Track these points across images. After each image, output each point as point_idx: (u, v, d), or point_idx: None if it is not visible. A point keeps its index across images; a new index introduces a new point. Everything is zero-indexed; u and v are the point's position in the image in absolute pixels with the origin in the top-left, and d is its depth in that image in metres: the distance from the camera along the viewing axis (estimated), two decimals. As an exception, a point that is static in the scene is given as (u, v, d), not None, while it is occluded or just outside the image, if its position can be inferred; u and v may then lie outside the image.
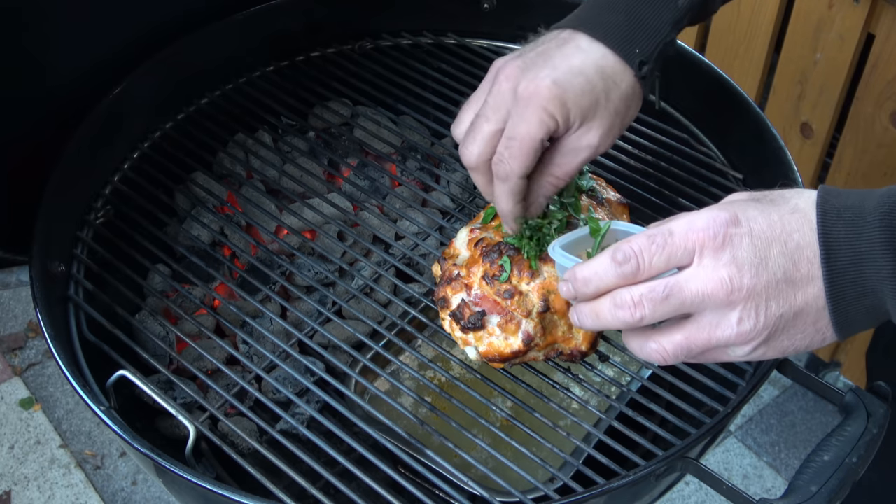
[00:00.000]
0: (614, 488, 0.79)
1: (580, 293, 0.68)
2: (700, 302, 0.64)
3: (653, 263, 0.65)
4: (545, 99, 0.74)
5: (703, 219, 0.64)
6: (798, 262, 0.63)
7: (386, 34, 1.30)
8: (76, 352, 0.94)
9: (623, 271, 0.65)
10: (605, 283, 0.66)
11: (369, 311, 1.06)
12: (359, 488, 0.82)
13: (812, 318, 0.64)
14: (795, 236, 0.63)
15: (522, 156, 0.76)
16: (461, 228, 0.93)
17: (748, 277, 0.62)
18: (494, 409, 0.88)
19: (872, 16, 1.46)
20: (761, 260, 0.63)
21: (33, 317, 2.26)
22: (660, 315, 0.65)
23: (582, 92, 0.75)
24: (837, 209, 0.63)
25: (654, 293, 0.64)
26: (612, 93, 0.77)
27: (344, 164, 1.21)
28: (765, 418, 2.04)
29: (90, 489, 1.94)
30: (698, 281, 0.63)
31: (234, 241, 1.12)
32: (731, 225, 0.63)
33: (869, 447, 0.78)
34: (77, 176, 1.05)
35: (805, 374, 0.87)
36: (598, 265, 0.67)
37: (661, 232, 0.65)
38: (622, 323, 0.66)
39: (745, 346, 0.65)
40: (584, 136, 0.77)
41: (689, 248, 0.64)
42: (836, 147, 1.67)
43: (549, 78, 0.74)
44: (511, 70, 0.77)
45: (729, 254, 0.63)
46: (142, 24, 1.14)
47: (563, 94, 0.74)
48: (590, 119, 0.76)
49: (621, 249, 0.65)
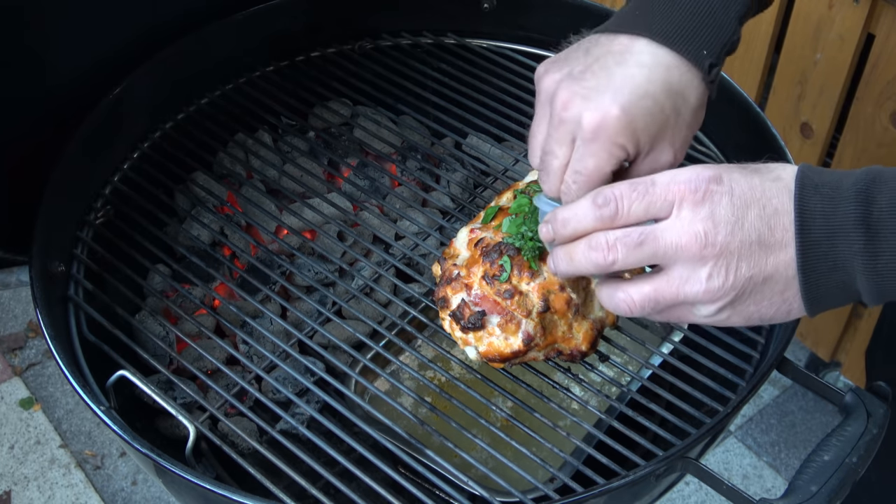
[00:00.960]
0: (614, 488, 0.79)
1: (558, 234, 0.69)
2: (673, 253, 0.64)
3: (632, 209, 0.65)
4: (614, 131, 0.70)
5: (686, 173, 0.65)
6: (774, 227, 0.64)
7: (386, 34, 1.30)
8: (76, 352, 0.94)
9: (601, 214, 0.66)
10: (583, 225, 0.67)
11: (369, 311, 1.06)
12: (359, 488, 0.82)
13: (781, 285, 0.65)
14: (774, 201, 0.64)
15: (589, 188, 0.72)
16: (461, 228, 0.93)
17: (723, 234, 0.63)
18: (494, 409, 0.88)
19: (872, 16, 1.46)
20: (738, 219, 0.63)
21: (33, 317, 2.26)
22: (632, 261, 0.65)
23: (652, 116, 0.71)
24: (816, 183, 0.64)
25: (629, 238, 0.65)
26: (682, 109, 0.73)
27: (344, 164, 1.21)
28: (765, 418, 2.04)
29: (90, 489, 1.94)
30: (673, 232, 0.64)
31: (234, 241, 1.12)
32: (713, 182, 0.64)
33: (869, 447, 0.78)
34: (77, 176, 1.05)
35: (805, 374, 0.87)
36: (578, 207, 0.67)
37: (644, 181, 0.65)
38: (594, 265, 0.66)
39: (710, 304, 0.65)
40: (658, 158, 0.74)
41: (669, 199, 0.64)
42: (836, 147, 1.67)
43: (616, 106, 0.69)
44: (568, 96, 0.71)
45: (707, 209, 0.63)
46: (142, 24, 1.14)
47: (632, 122, 0.70)
48: (661, 141, 0.73)
49: (602, 193, 0.66)
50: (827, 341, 1.92)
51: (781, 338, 0.90)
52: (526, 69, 1.23)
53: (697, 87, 0.73)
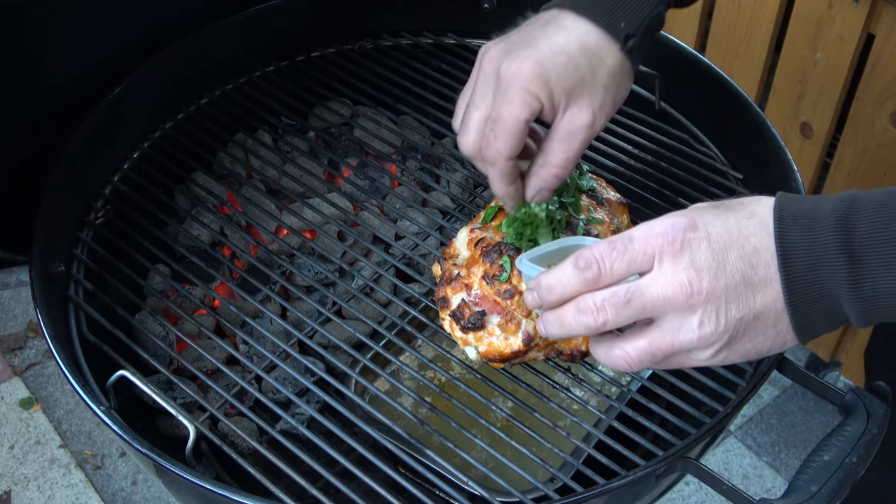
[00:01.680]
0: (614, 488, 0.79)
1: (545, 300, 0.69)
2: (661, 306, 0.64)
3: (614, 269, 0.65)
4: (526, 79, 0.73)
5: (661, 225, 0.65)
6: (755, 265, 0.64)
7: (386, 34, 1.30)
8: (76, 352, 0.94)
9: (585, 277, 0.66)
10: (569, 290, 0.67)
11: (369, 311, 1.06)
12: (359, 488, 0.82)
13: (772, 320, 0.65)
14: (752, 240, 0.64)
15: (507, 137, 0.75)
16: (461, 228, 0.93)
17: (707, 280, 0.63)
18: (494, 409, 0.88)
19: (872, 16, 1.46)
20: (719, 263, 0.64)
21: (33, 317, 2.26)
22: (622, 319, 0.66)
23: (565, 70, 0.74)
24: (793, 214, 0.64)
25: (616, 297, 0.65)
26: (598, 69, 0.76)
27: (344, 164, 1.21)
28: (765, 418, 2.04)
29: (90, 489, 1.94)
30: (658, 285, 0.64)
31: (234, 241, 1.12)
32: (689, 230, 0.64)
33: (869, 447, 0.78)
34: (77, 176, 1.05)
35: (805, 374, 0.87)
36: (562, 272, 0.68)
37: (622, 238, 0.66)
38: (585, 328, 0.67)
39: (707, 349, 0.66)
40: (576, 115, 0.76)
41: (648, 253, 0.65)
42: (836, 147, 1.67)
43: (531, 58, 0.74)
44: (494, 53, 0.77)
45: (687, 258, 0.64)
46: (142, 24, 1.14)
47: (545, 72, 0.74)
48: (578, 98, 0.75)
49: (583, 256, 0.66)
50: (827, 341, 1.92)
51: (781, 338, 0.90)
52: (526, 69, 1.23)
53: (615, 53, 0.77)
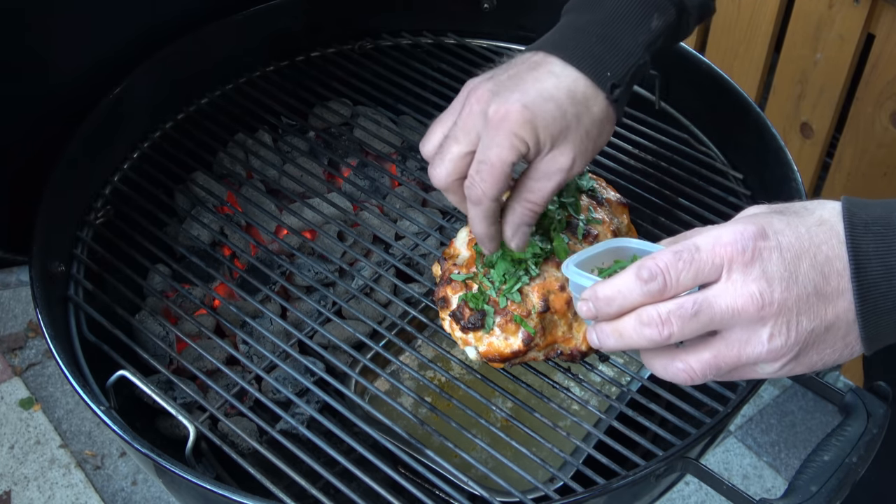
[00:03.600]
0: (614, 488, 0.79)
1: (602, 312, 0.66)
2: (730, 318, 0.62)
3: (680, 280, 0.63)
4: (515, 123, 0.73)
5: (729, 233, 0.63)
6: (828, 275, 0.62)
7: (386, 34, 1.30)
8: (76, 352, 0.94)
9: (649, 289, 0.63)
10: (630, 302, 0.64)
11: (369, 311, 1.06)
12: (359, 488, 0.82)
13: (843, 331, 0.63)
14: (824, 248, 0.62)
15: (494, 179, 0.74)
16: (461, 228, 0.93)
17: (779, 292, 0.61)
18: (494, 409, 0.88)
19: (872, 16, 1.46)
20: (791, 273, 0.61)
21: (33, 317, 2.26)
22: (689, 332, 0.63)
23: (553, 118, 0.74)
24: (865, 221, 0.62)
25: (683, 310, 0.62)
26: (583, 117, 0.76)
27: (344, 164, 1.21)
28: (765, 418, 2.04)
29: (90, 489, 1.94)
30: (728, 296, 0.62)
31: (234, 241, 1.12)
32: (760, 238, 0.62)
33: (869, 447, 0.78)
34: (77, 176, 1.05)
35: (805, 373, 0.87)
36: (622, 283, 0.64)
37: (687, 247, 0.63)
38: (648, 341, 0.64)
39: (775, 362, 0.63)
40: (555, 159, 0.76)
41: (716, 263, 0.62)
42: (836, 147, 1.67)
43: (520, 102, 0.74)
44: (482, 93, 0.76)
45: (759, 268, 0.61)
46: (142, 24, 1.14)
47: (534, 118, 0.73)
48: (561, 143, 0.75)
49: (646, 267, 0.63)
50: (827, 341, 1.92)
51: (781, 338, 0.90)
52: (526, 69, 1.23)
53: (601, 102, 0.77)
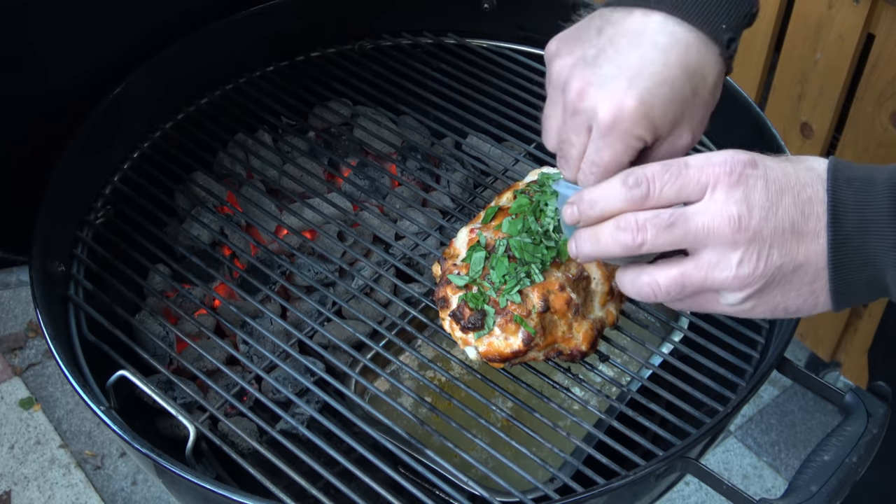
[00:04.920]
0: (614, 488, 0.79)
1: (585, 215, 0.66)
2: (704, 237, 0.62)
3: (663, 191, 0.63)
4: (631, 123, 0.68)
5: (721, 155, 0.63)
6: (807, 215, 0.62)
7: (386, 34, 1.30)
8: (76, 352, 0.94)
9: (632, 195, 0.64)
10: (612, 206, 0.65)
11: (369, 311, 1.06)
12: (359, 488, 0.82)
13: (810, 276, 0.63)
14: (808, 189, 0.63)
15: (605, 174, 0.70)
16: (461, 228, 0.93)
17: (756, 219, 0.61)
18: (494, 409, 0.88)
19: (872, 16, 1.46)
20: (772, 205, 0.62)
21: (33, 317, 2.26)
22: (661, 243, 0.63)
23: (670, 103, 0.69)
24: (848, 177, 0.63)
25: (660, 219, 0.63)
26: (699, 90, 0.71)
27: (344, 164, 1.21)
28: (765, 418, 2.04)
29: (90, 489, 1.94)
30: (707, 215, 0.62)
31: (234, 241, 1.12)
32: (749, 166, 0.63)
33: (869, 447, 0.78)
34: (77, 176, 1.05)
35: (805, 374, 0.87)
36: (608, 187, 0.65)
37: (677, 162, 0.63)
38: (622, 247, 0.64)
39: (738, 292, 0.63)
40: (677, 141, 0.72)
41: (702, 181, 0.62)
42: (836, 147, 1.67)
43: (632, 97, 0.67)
44: (581, 84, 0.69)
45: (742, 192, 0.62)
46: (142, 24, 1.14)
47: (650, 112, 0.68)
48: (679, 125, 0.71)
49: (633, 173, 0.64)
50: (827, 341, 1.92)
51: (781, 338, 0.90)
52: (526, 69, 1.23)
53: (715, 64, 0.71)
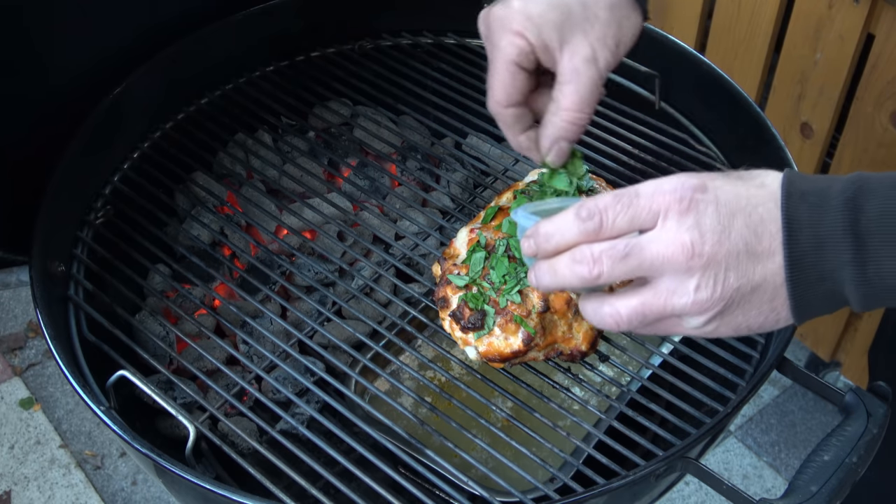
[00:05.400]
0: (614, 488, 0.79)
1: (541, 248, 0.67)
2: (659, 265, 0.63)
3: (616, 222, 0.64)
4: (510, 20, 0.75)
5: (671, 183, 0.64)
6: (760, 235, 0.63)
7: (386, 34, 1.30)
8: (76, 352, 0.94)
9: (586, 227, 0.65)
10: (567, 239, 0.66)
11: (369, 311, 1.06)
12: (359, 488, 0.82)
13: (769, 294, 0.64)
14: (760, 209, 0.63)
15: (499, 84, 0.76)
16: (461, 228, 0.93)
17: (710, 244, 0.62)
18: (494, 409, 0.88)
19: (872, 16, 1.46)
20: (724, 228, 0.62)
21: (33, 317, 2.26)
22: (617, 274, 0.64)
23: (549, 4, 0.75)
24: (802, 191, 0.63)
25: (615, 250, 0.63)
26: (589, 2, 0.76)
27: (344, 164, 1.21)
28: (765, 418, 2.04)
29: (90, 489, 1.94)
30: (660, 243, 0.63)
31: (234, 241, 1.12)
32: (698, 191, 0.63)
33: (869, 447, 0.78)
34: (77, 176, 1.05)
35: (805, 374, 0.87)
36: (561, 221, 0.66)
37: (628, 192, 0.64)
38: (579, 279, 0.65)
39: (699, 316, 0.64)
40: (574, 52, 0.76)
41: (654, 209, 0.63)
42: (836, 147, 1.67)
43: (517, 2, 0.76)
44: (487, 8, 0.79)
45: (693, 219, 0.62)
46: (142, 24, 1.14)
47: (526, 8, 0.75)
48: (571, 34, 0.76)
49: (586, 206, 0.65)
50: (827, 341, 1.92)
51: (781, 338, 0.90)
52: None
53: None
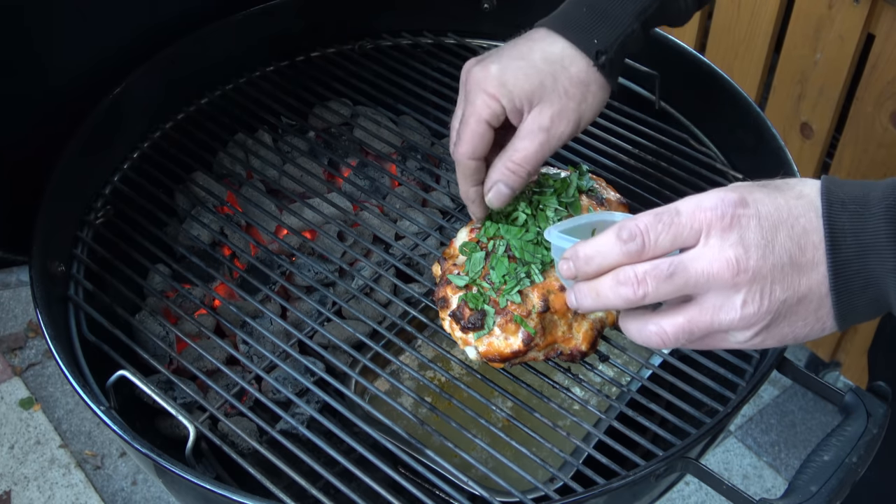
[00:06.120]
0: (614, 488, 0.79)
1: (581, 271, 0.67)
2: (705, 282, 0.63)
3: (658, 242, 0.63)
4: (486, 83, 0.80)
5: (711, 199, 0.63)
6: (804, 246, 0.63)
7: (386, 34, 1.30)
8: (76, 352, 0.94)
9: (628, 249, 0.64)
10: (609, 261, 0.65)
11: (369, 311, 1.06)
12: (359, 488, 0.82)
13: (814, 305, 0.64)
14: (802, 221, 0.63)
15: (468, 137, 0.81)
16: (461, 228, 0.93)
17: (755, 259, 0.62)
18: (494, 409, 0.88)
19: (872, 16, 1.46)
20: (768, 242, 0.62)
21: (33, 317, 2.26)
22: (663, 294, 0.64)
23: (524, 75, 0.80)
24: (842, 199, 0.63)
25: (659, 270, 0.63)
26: (559, 76, 0.81)
27: (344, 164, 1.21)
28: (765, 418, 2.04)
29: (90, 489, 1.94)
30: (704, 260, 0.62)
31: (234, 241, 1.12)
32: (740, 206, 0.63)
33: (869, 447, 0.78)
34: (77, 176, 1.05)
35: (805, 374, 0.87)
36: (602, 243, 0.65)
37: (668, 210, 0.64)
38: (624, 300, 0.65)
39: (746, 330, 0.64)
40: (535, 118, 0.81)
41: (695, 227, 0.63)
42: (836, 147, 1.67)
43: (493, 64, 0.81)
44: (469, 65, 0.84)
45: (736, 234, 0.62)
46: (142, 24, 1.14)
47: (503, 76, 0.80)
48: (539, 102, 0.81)
49: (626, 227, 0.64)
50: (827, 341, 1.92)
51: (781, 338, 0.90)
52: (526, 69, 1.23)
53: (579, 63, 0.82)
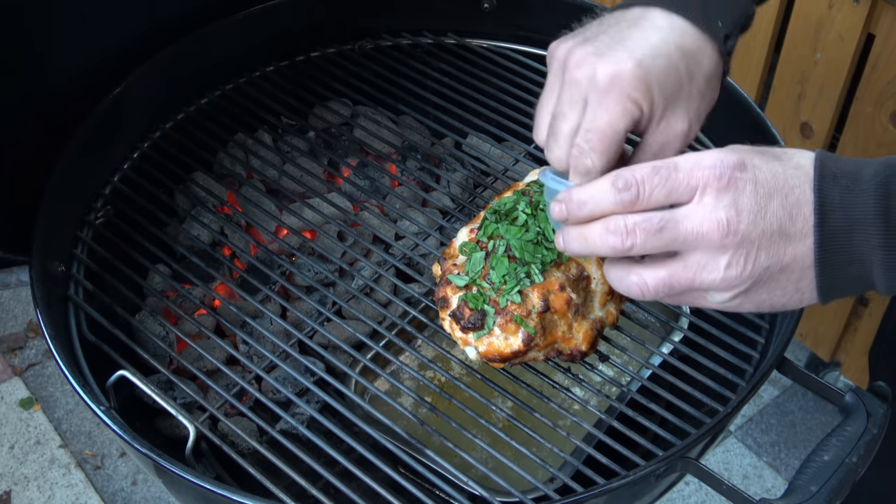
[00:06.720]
0: (614, 488, 0.79)
1: (573, 215, 0.67)
2: (693, 240, 0.63)
3: (653, 195, 0.63)
4: (628, 84, 0.67)
5: (710, 158, 0.63)
6: (795, 217, 0.63)
7: (386, 34, 1.30)
8: (76, 352, 0.94)
9: (622, 198, 0.64)
10: (601, 208, 0.65)
11: (369, 311, 1.06)
12: (359, 488, 0.82)
13: (796, 276, 0.64)
14: (797, 191, 0.63)
15: (603, 148, 0.69)
16: (461, 228, 0.93)
17: (745, 224, 0.62)
18: (494, 409, 0.88)
19: (872, 16, 1.46)
20: (761, 208, 0.62)
21: (33, 317, 2.26)
22: (650, 247, 0.64)
23: (666, 74, 0.69)
24: (834, 173, 0.63)
25: (649, 223, 0.63)
26: (695, 73, 0.71)
27: (344, 164, 1.21)
28: (765, 418, 2.04)
29: (90, 489, 1.94)
30: (695, 219, 0.62)
31: (234, 241, 1.12)
32: (738, 169, 0.63)
33: (869, 447, 0.78)
34: (77, 176, 1.05)
35: (805, 374, 0.87)
36: (597, 189, 0.65)
37: (666, 164, 0.63)
38: (610, 249, 0.65)
39: (725, 292, 0.64)
40: (672, 125, 0.71)
41: (692, 184, 0.63)
42: (836, 147, 1.67)
43: (632, 59, 0.67)
44: (582, 56, 0.69)
45: (731, 196, 0.62)
46: (142, 24, 1.14)
47: (647, 76, 0.68)
48: (674, 105, 0.71)
49: (622, 176, 0.64)
50: (827, 341, 1.92)
51: (781, 338, 0.90)
52: (526, 69, 1.23)
53: (711, 55, 0.72)
